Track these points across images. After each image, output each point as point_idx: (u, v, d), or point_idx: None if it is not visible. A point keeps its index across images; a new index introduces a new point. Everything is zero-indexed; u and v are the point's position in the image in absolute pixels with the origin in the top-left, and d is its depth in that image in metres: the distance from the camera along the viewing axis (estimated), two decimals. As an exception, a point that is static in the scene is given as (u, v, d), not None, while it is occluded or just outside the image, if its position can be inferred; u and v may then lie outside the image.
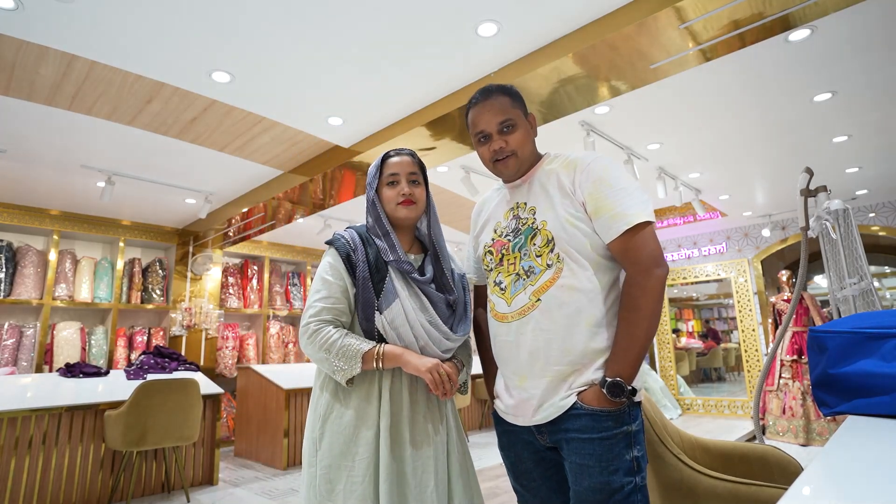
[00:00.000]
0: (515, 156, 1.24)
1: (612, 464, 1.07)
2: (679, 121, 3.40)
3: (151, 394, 3.14)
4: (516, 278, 1.21)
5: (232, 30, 2.32)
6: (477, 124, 1.28)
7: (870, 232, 5.46)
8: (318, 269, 1.35)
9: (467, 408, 5.70)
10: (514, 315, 1.20)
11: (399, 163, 1.38)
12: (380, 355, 1.23)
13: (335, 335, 1.24)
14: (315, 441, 1.25)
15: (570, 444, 1.11)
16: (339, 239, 1.34)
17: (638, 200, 1.13)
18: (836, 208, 2.80)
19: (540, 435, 1.19)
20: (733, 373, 7.76)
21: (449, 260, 1.42)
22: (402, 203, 1.35)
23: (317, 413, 1.28)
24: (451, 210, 5.26)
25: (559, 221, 1.17)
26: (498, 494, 3.39)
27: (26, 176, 4.05)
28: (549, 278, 1.16)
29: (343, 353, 1.22)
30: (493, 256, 1.29)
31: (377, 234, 1.35)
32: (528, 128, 1.28)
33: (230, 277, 6.21)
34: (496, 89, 1.27)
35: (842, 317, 2.65)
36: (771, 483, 1.50)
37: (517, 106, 1.27)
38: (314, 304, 1.28)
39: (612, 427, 1.08)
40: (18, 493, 2.95)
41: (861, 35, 2.47)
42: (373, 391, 1.27)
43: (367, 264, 1.30)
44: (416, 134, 3.13)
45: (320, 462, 1.22)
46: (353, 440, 1.22)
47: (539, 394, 1.15)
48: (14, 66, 2.53)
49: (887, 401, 1.06)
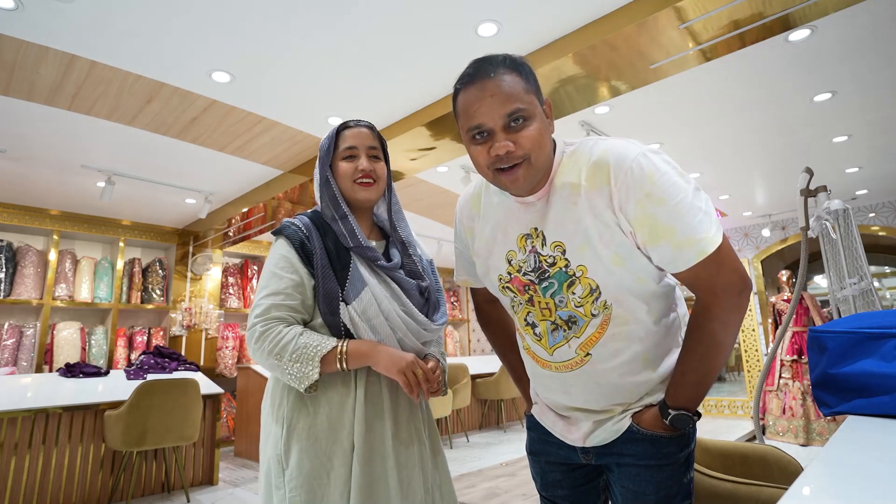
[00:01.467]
0: (528, 162, 0.87)
1: (671, 490, 0.94)
2: (679, 121, 3.40)
3: (151, 394, 3.14)
4: (554, 328, 0.97)
5: (232, 30, 2.32)
6: (472, 115, 0.88)
7: (870, 232, 5.45)
8: (266, 264, 1.15)
9: (467, 408, 5.70)
10: (559, 366, 0.99)
11: (357, 134, 1.19)
12: (343, 354, 1.04)
13: (287, 335, 1.04)
14: (280, 459, 1.06)
15: (624, 469, 0.96)
16: (288, 226, 1.16)
17: (702, 213, 0.85)
18: (836, 208, 2.80)
19: (584, 455, 1.03)
20: (733, 373, 7.76)
21: (416, 245, 1.28)
22: (361, 181, 1.16)
23: (279, 424, 1.08)
24: (451, 210, 5.25)
25: (602, 265, 0.89)
26: (498, 494, 3.39)
27: (26, 176, 4.05)
28: (596, 329, 0.94)
29: (298, 356, 1.02)
30: (517, 294, 1.01)
31: (333, 218, 1.17)
32: (546, 121, 0.91)
33: (230, 277, 6.21)
34: (502, 62, 0.88)
35: (842, 317, 2.65)
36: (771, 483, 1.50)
37: (531, 89, 0.89)
38: (260, 303, 1.08)
39: (673, 453, 0.94)
40: (18, 493, 2.95)
41: (861, 35, 2.47)
42: (344, 395, 1.09)
43: (325, 251, 1.12)
44: (416, 134, 3.13)
45: (289, 483, 1.04)
46: (327, 455, 1.05)
47: (590, 425, 1.00)
48: (14, 66, 2.53)
49: (887, 401, 1.06)
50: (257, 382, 4.69)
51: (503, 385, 5.50)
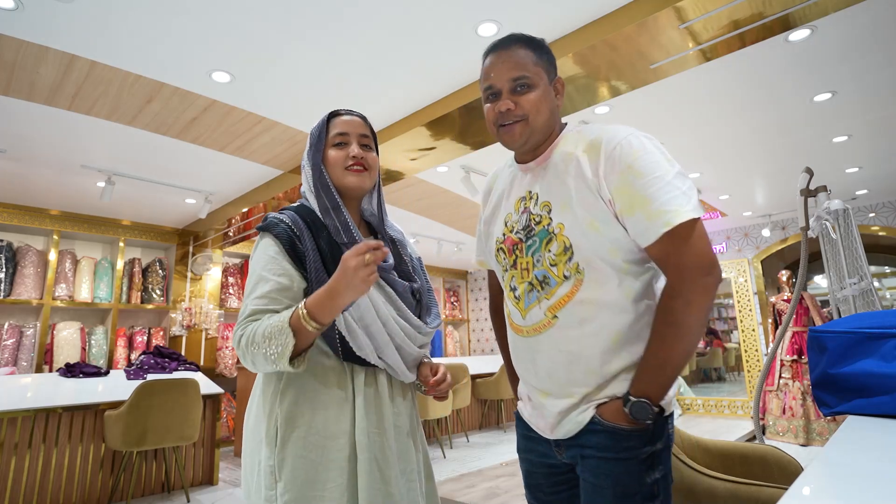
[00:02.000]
0: (525, 122, 1.00)
1: (629, 488, 0.93)
2: (679, 121, 3.41)
3: (151, 394, 3.14)
4: (530, 288, 1.02)
5: (232, 30, 2.32)
6: (487, 76, 1.04)
7: (870, 232, 5.45)
8: (253, 263, 1.07)
9: (467, 408, 5.70)
10: (529, 330, 1.03)
11: (349, 122, 1.16)
12: (303, 312, 0.94)
13: (257, 325, 0.99)
14: (273, 470, 1.00)
15: (586, 461, 0.97)
16: (277, 223, 1.07)
17: (679, 191, 0.89)
18: (836, 208, 2.80)
19: (557, 448, 1.05)
20: (733, 373, 7.76)
21: (406, 244, 1.24)
22: (353, 167, 1.12)
23: (271, 434, 1.02)
24: (451, 210, 5.26)
25: (579, 226, 0.96)
26: (498, 494, 3.39)
27: (26, 176, 4.06)
28: (566, 292, 0.98)
29: (269, 333, 0.95)
30: (507, 256, 1.08)
31: (325, 209, 1.10)
32: (550, 93, 1.03)
33: (230, 277, 6.21)
34: (519, 38, 1.03)
35: (842, 317, 2.65)
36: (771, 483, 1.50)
37: (541, 63, 1.02)
38: (245, 309, 1.03)
39: (634, 447, 0.93)
40: (18, 493, 2.95)
41: (861, 35, 2.47)
42: (342, 400, 1.05)
43: (318, 252, 1.06)
44: (416, 134, 3.13)
45: (282, 497, 0.97)
46: (323, 464, 0.99)
47: (557, 412, 1.01)
48: (14, 66, 2.53)
49: (887, 401, 1.06)
50: (257, 382, 4.68)
51: (503, 385, 5.50)
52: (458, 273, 8.88)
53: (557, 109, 1.06)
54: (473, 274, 9.01)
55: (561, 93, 1.06)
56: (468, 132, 3.13)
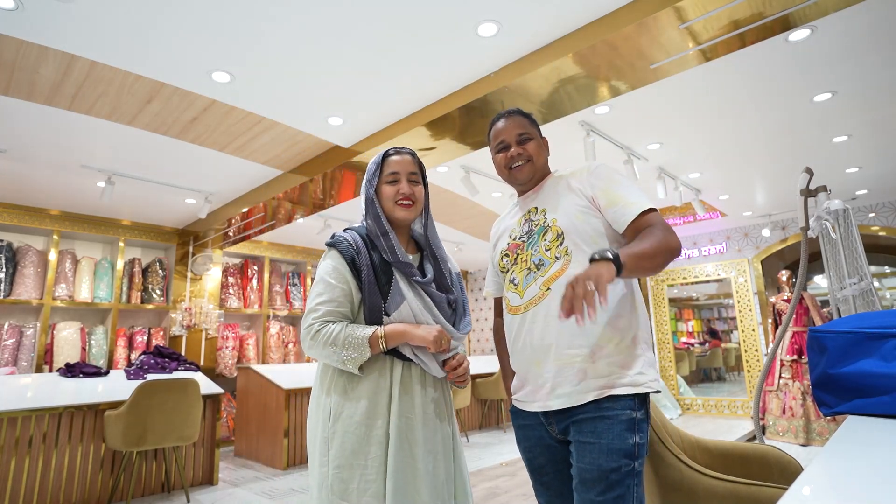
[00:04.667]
0: (531, 162, 1.36)
1: (614, 443, 1.13)
2: (679, 121, 3.40)
3: (151, 394, 3.14)
4: (528, 272, 1.29)
5: (232, 30, 2.32)
6: (498, 135, 1.40)
7: (870, 232, 5.46)
8: (319, 271, 1.34)
9: (467, 408, 5.70)
10: (526, 305, 1.27)
11: (400, 161, 1.40)
12: (382, 336, 1.25)
13: (337, 328, 1.25)
14: (326, 441, 1.25)
15: (576, 425, 1.18)
16: (341, 241, 1.34)
17: (644, 197, 1.25)
18: (836, 208, 2.80)
19: (550, 426, 1.26)
20: (733, 373, 7.77)
21: (447, 260, 1.45)
22: (401, 203, 1.36)
23: (325, 413, 1.27)
24: (451, 210, 5.26)
25: (568, 217, 1.26)
26: (498, 494, 3.39)
27: (26, 176, 4.06)
28: (558, 269, 1.24)
29: (349, 342, 1.23)
30: (509, 258, 1.36)
31: (376, 234, 1.35)
32: (543, 145, 1.42)
33: (230, 277, 6.21)
34: (517, 112, 1.42)
35: (842, 317, 2.65)
36: (771, 483, 1.50)
37: (534, 126, 1.42)
38: (317, 308, 1.28)
39: (615, 409, 1.15)
40: (18, 493, 2.95)
41: (861, 35, 2.47)
42: (382, 388, 1.27)
43: (371, 268, 1.31)
44: (416, 134, 3.13)
45: (332, 462, 1.22)
46: (366, 439, 1.23)
47: (552, 377, 1.21)
48: (14, 66, 2.53)
49: (887, 401, 1.06)
50: (257, 382, 4.69)
51: (503, 385, 5.50)
52: (458, 273, 8.88)
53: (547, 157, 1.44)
54: (473, 274, 9.01)
55: (546, 146, 1.44)
56: (468, 132, 3.13)
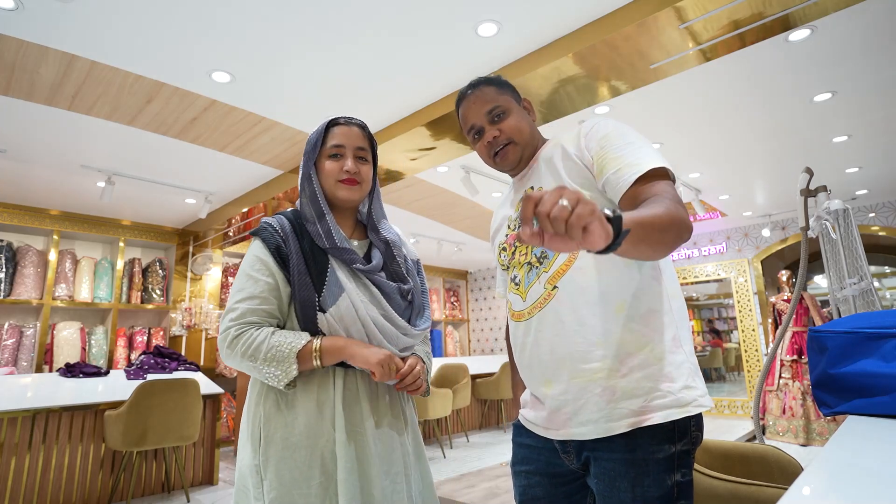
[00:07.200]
0: (513, 143, 1.09)
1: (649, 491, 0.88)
2: (679, 121, 3.40)
3: (151, 394, 3.14)
4: (529, 268, 1.04)
5: (232, 30, 2.32)
6: (467, 120, 1.13)
7: (870, 232, 5.45)
8: (242, 265, 1.11)
9: (467, 408, 5.70)
10: (530, 310, 1.02)
11: (347, 133, 1.15)
12: (317, 350, 1.03)
13: (259, 336, 1.03)
14: (258, 470, 1.02)
15: (599, 463, 0.93)
16: (265, 228, 1.12)
17: (649, 151, 0.94)
18: (836, 208, 2.79)
19: (566, 454, 1.00)
20: (733, 373, 7.76)
21: (401, 245, 1.22)
22: (345, 181, 1.14)
23: (255, 434, 1.04)
24: (451, 210, 5.25)
25: None
26: (498, 494, 3.39)
27: (26, 176, 4.06)
28: (564, 261, 0.98)
29: (272, 356, 1.01)
30: (507, 252, 1.12)
31: (310, 217, 1.14)
32: (523, 112, 1.13)
33: (230, 277, 6.21)
34: (478, 81, 1.14)
35: (842, 317, 2.65)
36: (771, 483, 1.50)
37: (505, 92, 1.12)
38: (235, 307, 1.06)
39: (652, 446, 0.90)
40: (18, 493, 2.95)
41: (861, 35, 2.47)
42: (323, 400, 1.05)
43: (301, 255, 1.09)
44: (416, 134, 3.13)
45: (268, 495, 0.99)
46: (307, 465, 1.01)
47: (571, 399, 0.95)
48: (14, 66, 2.53)
49: (887, 401, 1.06)
50: (257, 382, 4.68)
51: (503, 385, 5.50)
52: (458, 273, 8.88)
53: (534, 124, 1.16)
54: (473, 274, 9.01)
55: (531, 110, 1.17)
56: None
